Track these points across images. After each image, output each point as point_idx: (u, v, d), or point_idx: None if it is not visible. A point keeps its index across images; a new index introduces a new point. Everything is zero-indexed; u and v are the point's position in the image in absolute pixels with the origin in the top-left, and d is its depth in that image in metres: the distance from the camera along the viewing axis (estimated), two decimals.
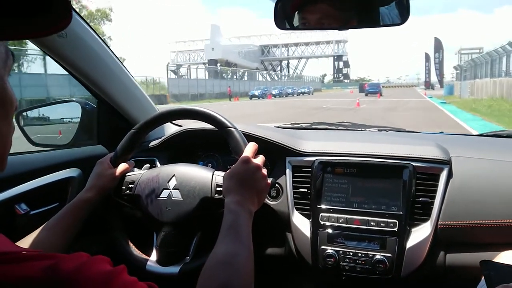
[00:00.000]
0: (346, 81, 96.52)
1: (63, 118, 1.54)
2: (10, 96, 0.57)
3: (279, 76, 75.59)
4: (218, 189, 1.01)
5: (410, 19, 0.94)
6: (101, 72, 1.27)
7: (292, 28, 1.01)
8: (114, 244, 1.08)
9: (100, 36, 1.24)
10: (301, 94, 52.11)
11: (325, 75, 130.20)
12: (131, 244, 1.08)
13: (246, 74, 66.31)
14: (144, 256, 1.06)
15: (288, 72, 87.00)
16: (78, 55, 1.19)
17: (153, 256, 1.04)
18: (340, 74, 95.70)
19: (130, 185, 1.08)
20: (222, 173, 1.01)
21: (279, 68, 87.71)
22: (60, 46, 1.13)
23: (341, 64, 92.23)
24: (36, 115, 1.46)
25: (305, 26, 1.02)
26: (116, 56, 1.32)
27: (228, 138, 1.01)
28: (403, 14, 0.93)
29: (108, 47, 1.27)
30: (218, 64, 64.49)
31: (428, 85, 49.32)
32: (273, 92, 43.40)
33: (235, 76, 61.27)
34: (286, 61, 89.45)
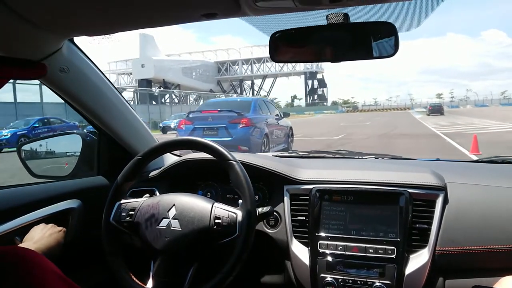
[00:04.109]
0: (326, 103, 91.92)
1: (65, 151, 1.74)
2: None
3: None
4: (217, 221, 1.21)
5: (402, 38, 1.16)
6: (102, 105, 1.49)
7: (288, 61, 1.26)
8: (112, 272, 1.26)
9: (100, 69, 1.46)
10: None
11: (295, 96, 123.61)
12: (129, 272, 1.27)
13: (201, 97, 61.87)
14: (141, 284, 1.24)
15: (253, 94, 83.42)
16: (80, 89, 1.40)
17: (149, 284, 1.23)
18: (315, 96, 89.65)
19: (131, 212, 1.28)
20: (222, 205, 1.23)
21: (239, 89, 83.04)
22: (62, 81, 1.33)
23: (315, 83, 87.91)
24: (38, 148, 1.66)
25: (298, 58, 1.28)
26: (116, 88, 1.55)
27: (229, 171, 1.25)
28: (394, 45, 1.15)
29: (108, 79, 1.49)
30: (156, 87, 59.47)
31: None
32: None
33: (189, 100, 59.53)
34: (250, 81, 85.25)
